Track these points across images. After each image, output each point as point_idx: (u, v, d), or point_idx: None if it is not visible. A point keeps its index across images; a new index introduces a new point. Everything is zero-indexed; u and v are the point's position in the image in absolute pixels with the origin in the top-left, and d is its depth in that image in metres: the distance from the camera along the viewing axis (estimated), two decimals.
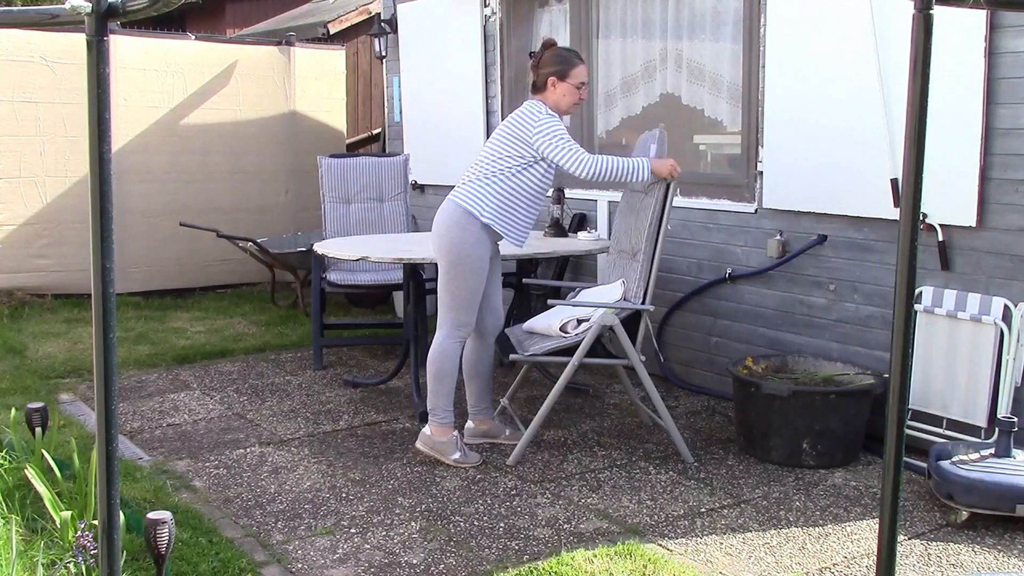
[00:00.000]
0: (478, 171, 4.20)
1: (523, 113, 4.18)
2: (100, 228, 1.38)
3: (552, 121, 4.13)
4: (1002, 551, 3.40)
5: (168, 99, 7.98)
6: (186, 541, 3.36)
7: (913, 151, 1.43)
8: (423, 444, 4.27)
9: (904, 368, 1.48)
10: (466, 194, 4.17)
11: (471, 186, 4.18)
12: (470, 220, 4.13)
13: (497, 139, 4.21)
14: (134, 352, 6.19)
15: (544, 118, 4.12)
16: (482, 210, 4.12)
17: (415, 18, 7.31)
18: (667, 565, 3.24)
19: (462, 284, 4.16)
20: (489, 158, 4.19)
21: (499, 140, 4.20)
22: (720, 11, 5.22)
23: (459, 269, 4.15)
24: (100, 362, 1.41)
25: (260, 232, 7.82)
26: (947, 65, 3.89)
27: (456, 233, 4.14)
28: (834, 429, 4.15)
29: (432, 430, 4.25)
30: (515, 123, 4.17)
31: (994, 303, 4.03)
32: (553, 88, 4.20)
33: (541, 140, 4.09)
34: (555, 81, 4.20)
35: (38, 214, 7.58)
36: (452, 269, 4.16)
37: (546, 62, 4.23)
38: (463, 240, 4.14)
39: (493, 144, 4.22)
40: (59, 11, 1.39)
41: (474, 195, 4.15)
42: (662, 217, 4.25)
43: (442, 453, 4.23)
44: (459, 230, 4.14)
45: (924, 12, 1.39)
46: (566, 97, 4.21)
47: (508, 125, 4.20)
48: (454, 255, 4.14)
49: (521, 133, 4.13)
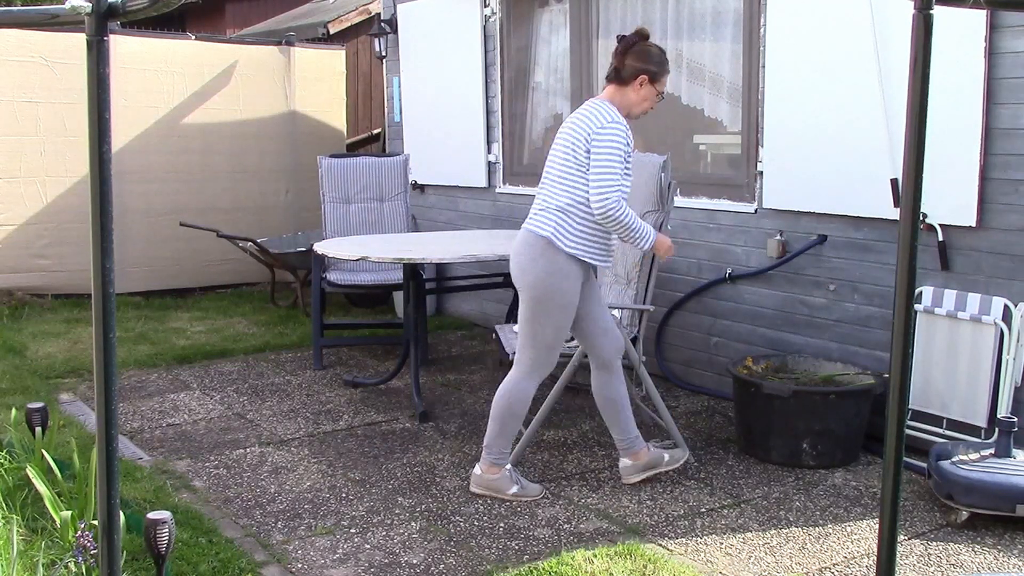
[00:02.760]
0: (551, 196, 3.76)
1: (588, 116, 3.71)
2: (100, 228, 1.38)
3: (620, 135, 3.65)
4: (1002, 551, 3.40)
5: (168, 99, 7.98)
6: (186, 541, 3.36)
7: (913, 151, 1.43)
8: (477, 485, 3.93)
9: (904, 368, 1.48)
10: (544, 222, 3.73)
11: (547, 215, 3.74)
12: (555, 251, 3.70)
13: (560, 152, 3.77)
14: (134, 352, 6.19)
15: (611, 128, 3.64)
16: (564, 240, 3.70)
17: (415, 18, 7.31)
18: (667, 565, 3.24)
19: (547, 322, 3.76)
20: (558, 179, 3.75)
21: (561, 153, 3.76)
22: (720, 11, 5.22)
23: (546, 305, 3.73)
24: (100, 362, 1.41)
25: (260, 232, 7.82)
26: (947, 65, 3.89)
27: (543, 265, 3.71)
28: (834, 429, 4.15)
29: (483, 468, 3.92)
30: (577, 126, 3.71)
31: (994, 303, 4.03)
32: (639, 87, 3.76)
33: (597, 147, 3.63)
34: (645, 80, 3.76)
35: (38, 214, 7.58)
36: (537, 305, 3.74)
37: (641, 55, 3.76)
38: (550, 273, 3.70)
39: (557, 160, 3.78)
40: (59, 11, 1.38)
41: (553, 223, 3.71)
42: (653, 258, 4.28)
43: (498, 490, 3.89)
44: (545, 262, 3.70)
45: (924, 12, 1.39)
46: (645, 102, 3.80)
47: (569, 132, 3.74)
48: (540, 290, 3.72)
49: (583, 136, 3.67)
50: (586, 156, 3.67)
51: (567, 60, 6.23)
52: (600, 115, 3.69)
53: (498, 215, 6.81)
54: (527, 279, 3.76)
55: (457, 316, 7.40)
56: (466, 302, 7.29)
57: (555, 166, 3.79)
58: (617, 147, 3.64)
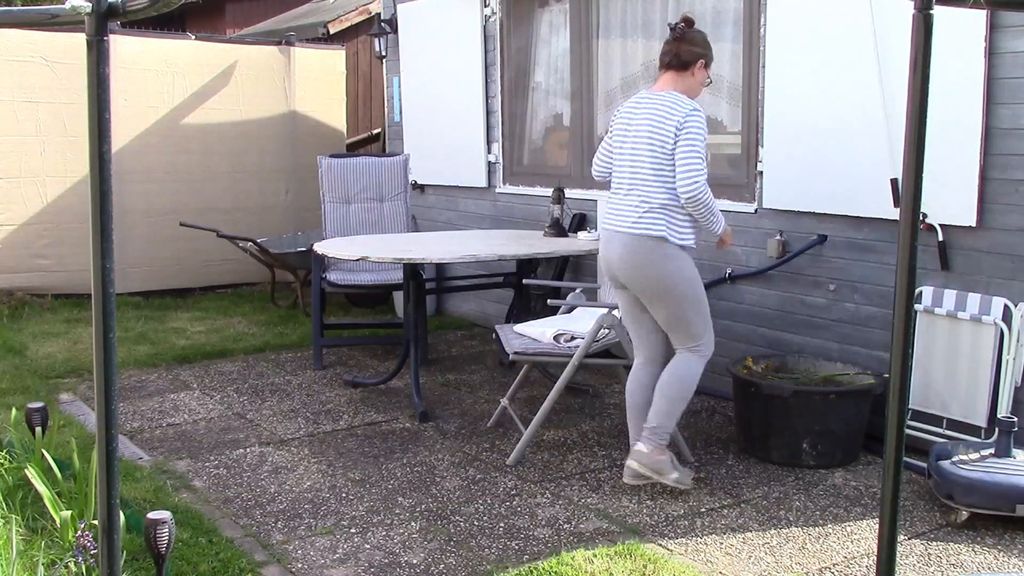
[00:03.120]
0: (649, 195, 3.80)
1: (668, 109, 3.78)
2: (100, 228, 1.38)
3: (703, 121, 3.79)
4: (1002, 551, 3.40)
5: (168, 99, 7.98)
6: (186, 541, 3.36)
7: (913, 151, 1.43)
8: (638, 462, 3.87)
9: (904, 368, 1.48)
10: (654, 223, 3.79)
11: (653, 215, 3.79)
12: (670, 246, 3.81)
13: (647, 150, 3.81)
14: (134, 352, 6.20)
15: (695, 115, 3.76)
16: (676, 235, 3.81)
17: (415, 18, 7.31)
18: (667, 565, 3.24)
19: (692, 306, 3.87)
20: (653, 177, 3.79)
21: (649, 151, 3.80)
22: (720, 11, 5.22)
23: (684, 293, 3.85)
24: (100, 362, 1.41)
25: (260, 232, 7.82)
26: (947, 65, 3.89)
27: (668, 264, 3.82)
28: (834, 429, 4.15)
29: (650, 449, 3.86)
30: (662, 122, 3.77)
31: (994, 303, 4.03)
32: (699, 71, 3.90)
33: (684, 136, 3.73)
34: (703, 65, 3.91)
35: (38, 214, 7.58)
36: (685, 297, 3.85)
37: (698, 41, 3.90)
38: (679, 267, 3.83)
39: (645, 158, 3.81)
40: (59, 11, 1.38)
41: (663, 222, 3.79)
42: None
43: (661, 472, 3.85)
44: (668, 260, 3.81)
45: (924, 12, 1.39)
46: (702, 86, 3.95)
47: (652, 129, 3.79)
48: (673, 283, 3.83)
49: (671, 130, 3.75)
50: (673, 143, 3.77)
51: (567, 60, 6.23)
52: (680, 105, 3.79)
53: (498, 215, 6.81)
54: (663, 281, 3.83)
55: (457, 316, 7.40)
56: (466, 302, 7.29)
57: (645, 164, 3.82)
58: (701, 133, 3.78)
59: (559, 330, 4.38)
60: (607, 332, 4.22)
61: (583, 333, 4.25)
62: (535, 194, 6.44)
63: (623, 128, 3.93)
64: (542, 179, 6.42)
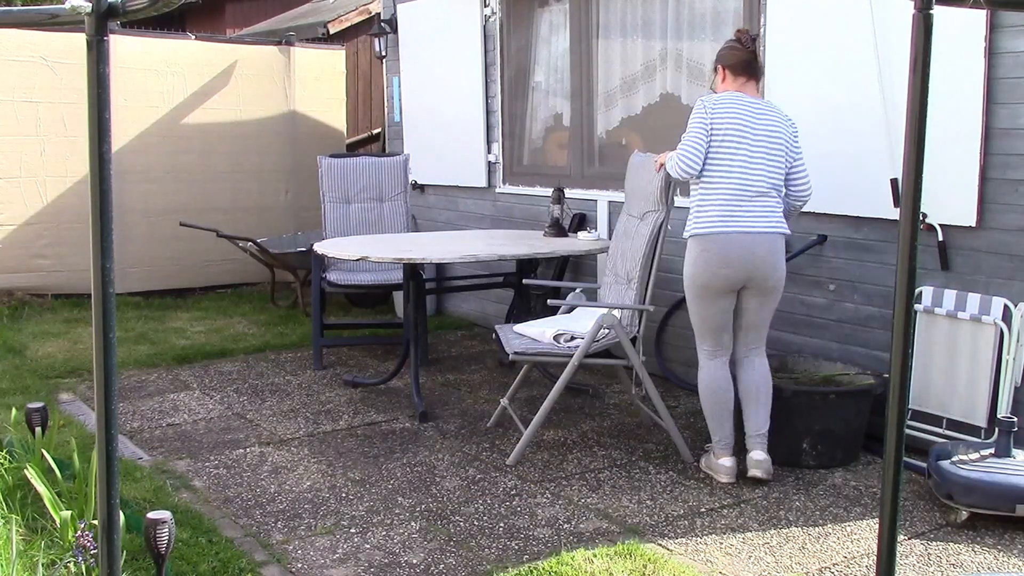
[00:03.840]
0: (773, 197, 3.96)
1: (782, 118, 4.01)
2: (100, 228, 1.38)
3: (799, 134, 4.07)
4: (1002, 551, 3.40)
5: (168, 99, 7.98)
6: (186, 541, 3.36)
7: (913, 151, 1.43)
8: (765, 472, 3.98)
9: (904, 368, 1.48)
10: (780, 222, 3.98)
11: (778, 216, 3.98)
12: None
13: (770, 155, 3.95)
14: (134, 352, 6.20)
15: (795, 124, 4.05)
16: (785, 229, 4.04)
17: (415, 18, 7.31)
18: (667, 565, 3.24)
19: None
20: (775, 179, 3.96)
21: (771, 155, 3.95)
22: (720, 11, 5.22)
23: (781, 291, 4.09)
24: (100, 362, 1.41)
25: (260, 232, 7.82)
26: (947, 65, 3.89)
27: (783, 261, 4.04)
28: (834, 429, 4.15)
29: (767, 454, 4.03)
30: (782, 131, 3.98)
31: (994, 303, 4.02)
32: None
33: (796, 144, 4.03)
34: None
35: (38, 214, 7.59)
36: (779, 296, 4.08)
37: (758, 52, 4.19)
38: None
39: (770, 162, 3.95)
40: (59, 11, 1.38)
41: (783, 221, 4.01)
42: (656, 247, 4.29)
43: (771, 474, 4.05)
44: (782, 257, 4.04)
45: (924, 12, 1.39)
46: None
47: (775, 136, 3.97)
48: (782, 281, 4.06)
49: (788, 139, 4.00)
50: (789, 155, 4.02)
51: (567, 60, 6.23)
52: (785, 115, 4.04)
53: (498, 215, 6.81)
54: (781, 278, 4.01)
55: (457, 316, 7.40)
56: (466, 302, 7.29)
57: (771, 168, 3.95)
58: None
59: (559, 330, 4.38)
60: (607, 332, 4.22)
61: (583, 333, 4.25)
62: (535, 194, 6.44)
63: (738, 131, 3.92)
64: (542, 179, 6.42)
